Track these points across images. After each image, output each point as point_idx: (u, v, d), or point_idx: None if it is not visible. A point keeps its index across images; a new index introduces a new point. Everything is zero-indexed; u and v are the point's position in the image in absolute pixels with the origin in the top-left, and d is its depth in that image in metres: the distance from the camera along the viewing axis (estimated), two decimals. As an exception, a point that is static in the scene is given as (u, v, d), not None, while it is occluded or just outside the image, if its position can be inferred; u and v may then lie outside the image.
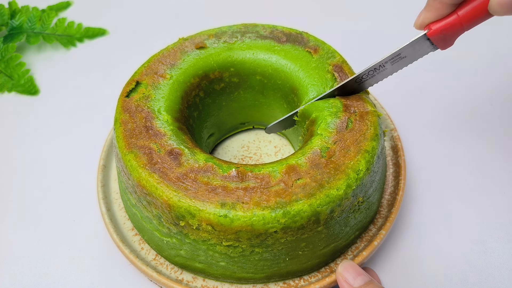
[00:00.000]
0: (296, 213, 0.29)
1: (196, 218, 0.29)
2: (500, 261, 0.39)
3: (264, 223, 0.29)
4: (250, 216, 0.29)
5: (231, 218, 0.29)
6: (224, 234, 0.30)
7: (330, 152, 0.32)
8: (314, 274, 0.35)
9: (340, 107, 0.35)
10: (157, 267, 0.36)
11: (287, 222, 0.29)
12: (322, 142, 0.33)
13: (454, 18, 0.30)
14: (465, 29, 0.30)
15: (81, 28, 0.64)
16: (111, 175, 0.43)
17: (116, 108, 0.37)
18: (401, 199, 0.39)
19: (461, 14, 0.29)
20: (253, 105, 0.44)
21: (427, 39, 0.32)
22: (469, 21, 0.30)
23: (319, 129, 0.34)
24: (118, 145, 0.34)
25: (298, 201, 0.29)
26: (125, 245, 0.36)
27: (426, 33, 0.32)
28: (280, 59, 0.40)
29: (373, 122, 0.34)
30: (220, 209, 0.29)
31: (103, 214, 0.39)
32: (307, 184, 0.30)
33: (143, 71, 0.39)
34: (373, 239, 0.36)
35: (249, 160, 0.45)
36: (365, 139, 0.33)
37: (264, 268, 0.33)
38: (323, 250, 0.33)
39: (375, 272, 0.36)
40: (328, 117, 0.35)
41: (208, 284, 0.35)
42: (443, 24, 0.30)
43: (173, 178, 0.31)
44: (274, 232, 0.29)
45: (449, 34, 0.31)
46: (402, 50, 0.33)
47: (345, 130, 0.34)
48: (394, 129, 0.45)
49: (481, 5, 0.29)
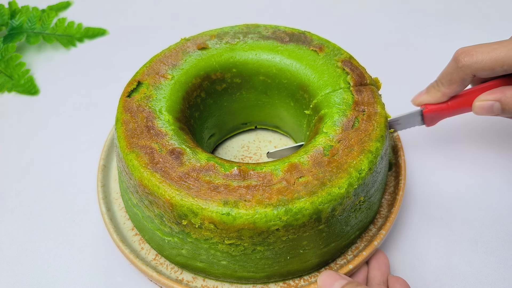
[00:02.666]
0: (298, 210, 0.29)
1: (198, 216, 0.29)
2: (500, 261, 0.39)
3: (266, 221, 0.29)
4: (253, 214, 0.29)
5: (234, 216, 0.29)
6: (227, 232, 0.30)
7: (333, 151, 0.32)
8: (314, 274, 0.35)
9: (350, 104, 0.36)
10: (157, 267, 0.36)
11: (289, 220, 0.29)
12: (326, 140, 0.33)
13: (445, 105, 0.38)
14: (450, 115, 0.38)
15: (81, 28, 0.64)
16: (111, 175, 0.43)
17: (117, 108, 0.37)
18: (401, 199, 0.39)
19: (450, 103, 0.38)
20: (255, 105, 0.45)
21: (421, 114, 0.39)
22: (455, 110, 0.38)
23: (325, 127, 0.34)
24: (120, 145, 0.34)
25: (300, 199, 0.29)
26: (125, 245, 0.36)
27: (423, 110, 0.39)
28: (284, 58, 0.40)
29: (379, 124, 0.34)
30: (222, 207, 0.29)
31: (103, 214, 0.39)
32: (309, 182, 0.30)
33: (144, 71, 0.39)
34: (373, 239, 0.36)
35: (249, 160, 0.45)
36: (370, 139, 0.33)
37: (265, 267, 0.33)
38: (323, 249, 0.33)
39: (386, 254, 0.37)
40: (336, 114, 0.35)
41: (208, 284, 0.35)
42: (436, 107, 0.38)
43: (175, 177, 0.31)
44: (276, 230, 0.29)
45: (438, 115, 0.39)
46: (400, 118, 0.39)
47: (350, 129, 0.34)
48: (394, 129, 0.45)
49: (466, 101, 0.37)
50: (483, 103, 0.35)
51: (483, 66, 0.34)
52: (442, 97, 0.37)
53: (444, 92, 0.37)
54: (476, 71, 0.34)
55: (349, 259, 0.36)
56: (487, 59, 0.33)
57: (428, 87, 0.39)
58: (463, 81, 0.36)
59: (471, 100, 0.37)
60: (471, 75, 0.35)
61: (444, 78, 0.37)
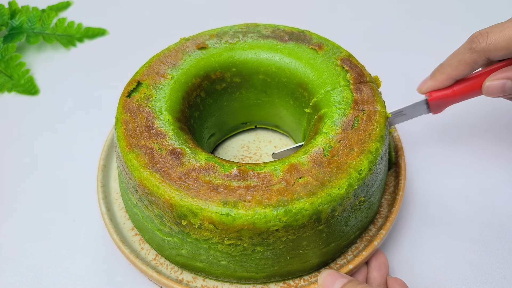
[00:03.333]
0: (297, 211, 0.29)
1: (198, 217, 0.29)
2: (500, 261, 0.39)
3: (266, 221, 0.29)
4: (252, 215, 0.29)
5: (233, 216, 0.29)
6: (226, 233, 0.30)
7: (333, 151, 0.32)
8: (314, 274, 0.35)
9: (349, 103, 0.36)
10: (157, 267, 0.36)
11: (288, 221, 0.29)
12: (326, 140, 0.33)
13: (450, 91, 0.37)
14: (457, 101, 0.37)
15: (81, 28, 0.64)
16: (111, 175, 0.43)
17: (117, 108, 0.37)
18: (401, 199, 0.39)
19: (456, 89, 0.37)
20: (255, 104, 0.45)
21: (426, 103, 0.38)
22: (462, 95, 0.37)
23: (325, 127, 0.34)
24: (119, 145, 0.34)
25: (299, 200, 0.29)
26: (125, 245, 0.36)
27: (428, 99, 0.38)
28: (283, 57, 0.40)
29: (379, 123, 0.34)
30: (222, 207, 0.29)
31: (103, 214, 0.39)
32: (309, 182, 0.30)
33: (144, 71, 0.39)
34: (373, 239, 0.36)
35: (249, 160, 0.45)
36: (369, 139, 0.33)
37: (265, 267, 0.33)
38: (323, 250, 0.33)
39: (385, 255, 0.37)
40: (335, 114, 0.35)
41: (208, 284, 0.35)
42: (441, 94, 0.37)
43: (175, 177, 0.31)
44: (275, 231, 0.29)
45: (444, 102, 0.38)
46: (405, 109, 0.39)
47: (350, 129, 0.34)
48: (394, 129, 0.45)
49: (473, 85, 0.36)
50: (494, 83, 0.34)
51: (496, 46, 0.32)
52: (447, 80, 0.36)
53: (449, 74, 0.36)
54: (490, 53, 0.33)
55: (349, 259, 0.36)
56: (501, 39, 0.32)
57: (432, 72, 0.38)
58: (474, 63, 0.34)
59: (479, 84, 0.35)
60: (485, 57, 0.34)
61: (454, 59, 0.35)
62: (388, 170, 0.42)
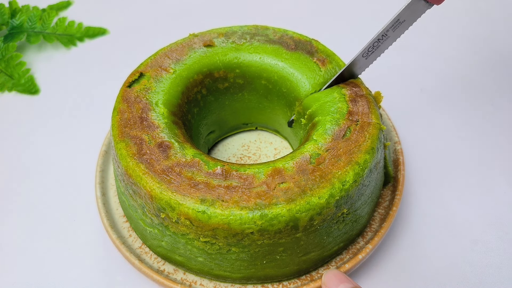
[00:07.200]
0: (273, 216, 0.29)
1: (175, 211, 0.30)
2: (500, 261, 0.39)
3: (240, 223, 0.29)
4: (228, 215, 0.29)
5: (209, 214, 0.29)
6: (202, 230, 0.30)
7: (319, 159, 0.32)
8: (294, 281, 0.35)
9: (344, 113, 0.35)
10: (141, 256, 0.37)
11: (264, 225, 0.29)
12: (314, 148, 0.33)
13: None
14: None
15: (81, 27, 0.63)
16: (110, 161, 0.44)
17: (117, 96, 0.38)
18: (394, 214, 0.38)
19: None
20: (257, 107, 0.44)
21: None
22: None
23: (316, 135, 0.34)
24: (113, 133, 0.34)
25: (277, 205, 0.29)
26: (113, 230, 0.37)
27: None
28: (287, 67, 0.40)
29: (372, 135, 0.34)
30: (199, 204, 0.29)
31: (97, 198, 0.40)
32: (290, 188, 0.30)
33: (148, 63, 0.40)
34: (358, 253, 0.36)
35: (248, 160, 0.45)
36: (359, 151, 0.32)
37: (241, 268, 0.33)
38: (302, 258, 0.33)
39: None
40: (328, 122, 0.34)
41: (188, 278, 0.35)
42: None
43: (159, 170, 0.31)
44: (250, 233, 0.29)
45: None
46: (401, 15, 0.34)
47: (341, 138, 0.33)
48: (398, 142, 0.44)
49: None
50: None
51: None
52: None
53: None
54: None
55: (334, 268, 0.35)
56: None
57: None
58: None
59: None
60: None
61: None
62: (385, 184, 0.41)
